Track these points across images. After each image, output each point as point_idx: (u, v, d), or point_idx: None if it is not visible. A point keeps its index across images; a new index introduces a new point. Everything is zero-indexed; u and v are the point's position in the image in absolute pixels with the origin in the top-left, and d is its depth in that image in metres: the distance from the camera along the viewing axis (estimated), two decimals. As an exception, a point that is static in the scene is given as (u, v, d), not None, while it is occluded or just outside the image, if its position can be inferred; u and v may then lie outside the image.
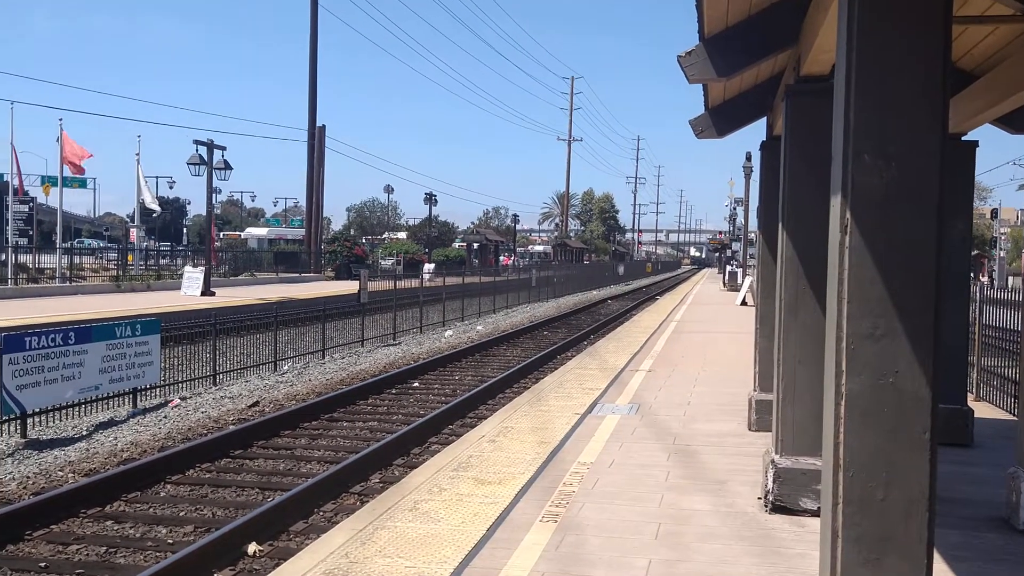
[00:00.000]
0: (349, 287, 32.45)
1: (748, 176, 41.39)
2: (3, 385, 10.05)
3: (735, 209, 60.39)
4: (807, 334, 5.70)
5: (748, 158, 39.77)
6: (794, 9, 5.62)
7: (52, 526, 7.05)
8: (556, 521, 5.64)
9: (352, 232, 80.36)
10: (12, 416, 10.38)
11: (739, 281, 38.94)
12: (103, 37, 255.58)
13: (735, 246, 58.28)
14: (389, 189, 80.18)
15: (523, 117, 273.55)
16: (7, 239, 35.48)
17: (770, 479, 5.77)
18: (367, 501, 6.93)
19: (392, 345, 21.37)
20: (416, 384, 15.13)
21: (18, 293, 27.29)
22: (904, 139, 2.95)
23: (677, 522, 5.65)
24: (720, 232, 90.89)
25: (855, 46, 3.02)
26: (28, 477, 8.70)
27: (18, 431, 10.43)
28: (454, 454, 7.62)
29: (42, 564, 6.24)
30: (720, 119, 8.70)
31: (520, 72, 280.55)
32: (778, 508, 5.71)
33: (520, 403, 10.43)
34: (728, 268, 50.56)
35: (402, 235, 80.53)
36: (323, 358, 18.21)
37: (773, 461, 5.78)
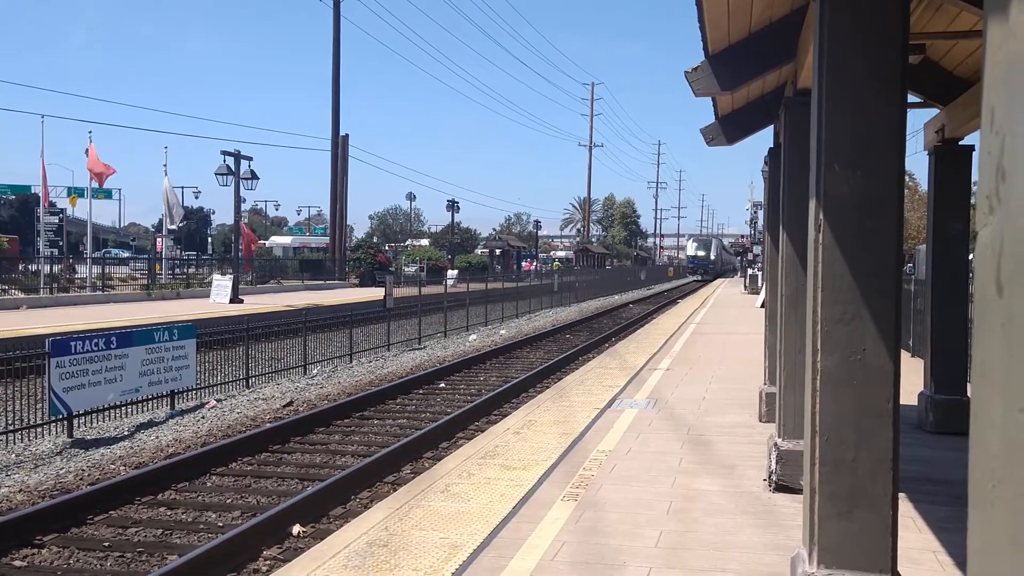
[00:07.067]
0: (373, 294, 33.06)
1: (767, 180, 41.53)
2: (51, 387, 10.60)
3: (756, 212, 60.64)
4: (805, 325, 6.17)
5: (767, 162, 39.97)
6: (791, 27, 6.09)
7: (111, 512, 7.62)
8: (576, 500, 6.13)
9: (375, 239, 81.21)
10: (60, 417, 10.93)
11: (759, 284, 39.17)
12: (133, 50, 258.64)
13: (756, 249, 58.43)
14: (411, 196, 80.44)
15: (544, 124, 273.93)
16: (38, 250, 36.44)
17: (773, 461, 6.25)
18: (400, 488, 7.45)
19: (418, 349, 21.92)
20: (442, 385, 15.66)
21: (53, 302, 28.05)
22: (868, 152, 3.42)
23: (687, 500, 6.13)
24: (742, 236, 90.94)
25: (824, 68, 3.50)
26: (83, 470, 9.30)
27: (65, 431, 10.99)
28: (481, 444, 8.14)
29: (106, 544, 6.81)
30: (730, 127, 9.17)
31: (541, 79, 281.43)
32: (780, 487, 6.18)
33: (543, 399, 10.92)
34: (749, 271, 50.74)
35: (425, 242, 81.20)
36: (351, 362, 18.77)
37: (776, 444, 6.25)
